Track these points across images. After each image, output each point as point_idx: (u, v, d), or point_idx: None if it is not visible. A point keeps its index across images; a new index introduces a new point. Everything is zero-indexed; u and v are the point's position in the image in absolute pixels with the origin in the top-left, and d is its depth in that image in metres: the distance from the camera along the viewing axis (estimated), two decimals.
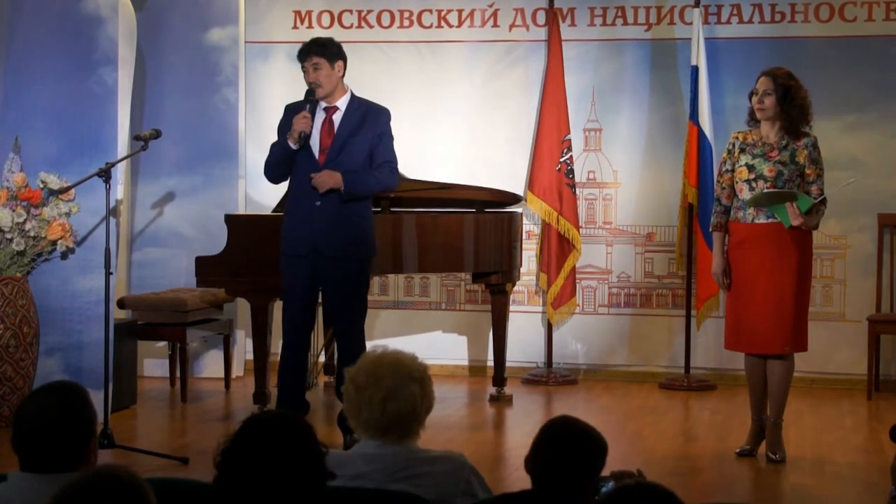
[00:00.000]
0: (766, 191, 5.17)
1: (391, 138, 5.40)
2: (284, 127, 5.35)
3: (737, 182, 5.29)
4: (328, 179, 5.21)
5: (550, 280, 7.30)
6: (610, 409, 6.58)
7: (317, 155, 5.28)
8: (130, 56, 6.34)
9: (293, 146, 5.24)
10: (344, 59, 5.36)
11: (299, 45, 5.43)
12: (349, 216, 5.27)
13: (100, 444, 4.97)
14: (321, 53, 5.30)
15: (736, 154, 5.32)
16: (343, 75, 5.37)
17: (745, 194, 5.24)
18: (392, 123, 5.41)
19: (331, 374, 7.03)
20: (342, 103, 5.35)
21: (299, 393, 5.47)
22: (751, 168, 5.24)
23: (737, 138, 5.36)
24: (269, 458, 2.19)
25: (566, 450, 2.58)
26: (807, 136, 5.27)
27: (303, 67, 5.33)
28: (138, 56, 6.70)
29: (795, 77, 5.28)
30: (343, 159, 5.25)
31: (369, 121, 5.33)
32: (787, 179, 5.19)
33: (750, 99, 5.32)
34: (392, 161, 5.37)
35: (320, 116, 5.33)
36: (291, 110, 5.36)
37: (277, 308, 5.85)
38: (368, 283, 5.60)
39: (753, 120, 5.33)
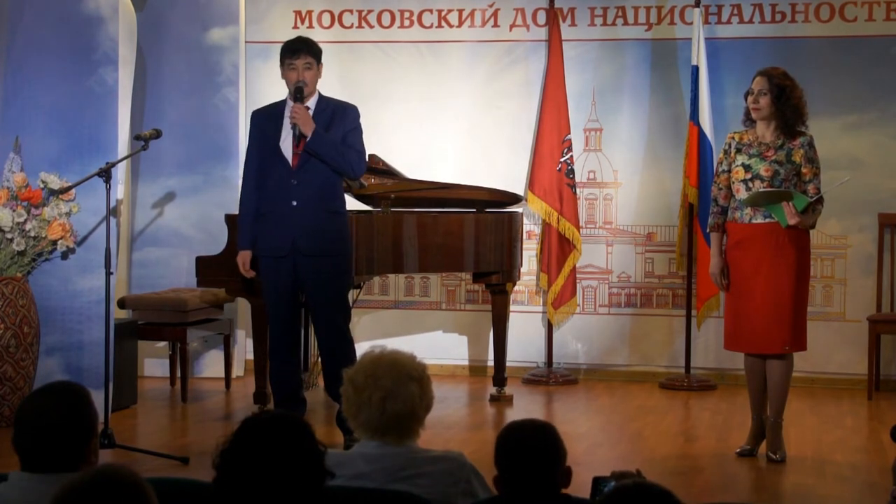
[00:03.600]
0: (762, 190, 5.16)
1: (360, 132, 5.39)
2: (261, 130, 5.34)
3: (733, 182, 5.29)
4: (305, 117, 5.19)
5: (551, 280, 7.30)
6: (610, 409, 6.57)
7: (290, 158, 5.27)
8: (131, 56, 6.33)
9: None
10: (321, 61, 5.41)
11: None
12: (326, 215, 5.27)
13: (100, 443, 4.98)
14: (312, 54, 5.31)
15: (732, 154, 5.31)
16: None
17: (741, 194, 5.24)
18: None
19: None
20: (312, 103, 5.33)
21: (295, 392, 5.46)
22: (747, 168, 5.23)
23: (733, 138, 5.35)
24: (267, 458, 2.19)
25: (520, 460, 2.57)
26: (803, 136, 5.25)
27: (290, 65, 5.29)
28: (138, 56, 6.70)
29: (791, 77, 5.26)
30: (315, 160, 5.24)
31: (338, 119, 5.32)
32: (783, 179, 5.18)
33: (745, 98, 5.32)
34: (361, 151, 5.36)
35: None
36: (262, 115, 5.38)
37: None
38: (350, 280, 5.60)
39: (749, 120, 5.33)
